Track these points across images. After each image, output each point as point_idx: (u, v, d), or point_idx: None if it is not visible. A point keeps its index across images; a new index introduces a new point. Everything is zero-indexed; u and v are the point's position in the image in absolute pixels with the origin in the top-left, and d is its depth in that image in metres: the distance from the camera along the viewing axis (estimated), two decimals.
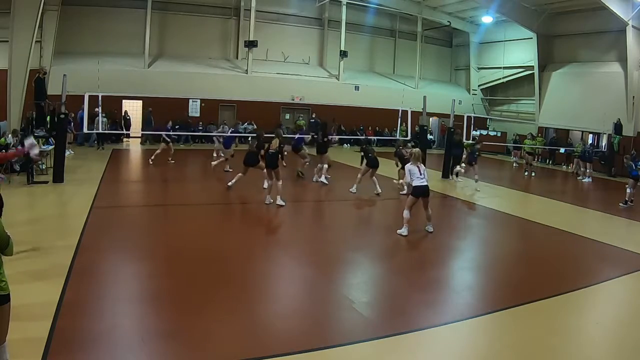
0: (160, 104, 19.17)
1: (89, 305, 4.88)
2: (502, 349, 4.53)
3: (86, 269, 5.84)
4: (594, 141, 23.14)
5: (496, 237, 9.53)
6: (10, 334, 3.26)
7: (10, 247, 3.20)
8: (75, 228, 7.51)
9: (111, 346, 4.14)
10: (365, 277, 6.50)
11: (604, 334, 5.07)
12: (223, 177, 12.95)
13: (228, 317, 4.88)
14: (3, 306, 3.06)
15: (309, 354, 4.20)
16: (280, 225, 9.32)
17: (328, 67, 26.13)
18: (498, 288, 6.27)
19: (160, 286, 5.59)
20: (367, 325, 4.93)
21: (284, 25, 25.22)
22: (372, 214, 10.75)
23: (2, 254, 3.15)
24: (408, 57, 28.20)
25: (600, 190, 16.22)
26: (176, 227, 8.33)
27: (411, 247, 8.33)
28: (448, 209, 11.79)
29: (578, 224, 10.26)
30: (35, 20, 13.62)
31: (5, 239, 3.13)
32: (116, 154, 17.56)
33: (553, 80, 24.05)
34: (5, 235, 3.13)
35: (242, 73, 23.48)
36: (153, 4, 21.91)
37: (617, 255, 8.05)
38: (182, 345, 4.24)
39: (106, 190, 10.85)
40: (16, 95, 13.77)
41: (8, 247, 3.17)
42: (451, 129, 16.05)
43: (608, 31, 20.88)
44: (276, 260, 6.95)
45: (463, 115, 17.79)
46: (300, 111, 24.99)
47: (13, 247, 3.24)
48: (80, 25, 20.85)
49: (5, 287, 3.08)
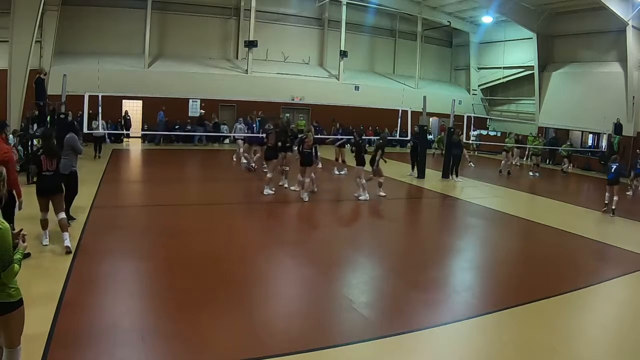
0: (160, 104, 19.19)
1: (89, 305, 4.88)
2: (502, 349, 4.53)
3: (86, 269, 5.84)
4: (594, 141, 23.16)
5: (496, 237, 9.52)
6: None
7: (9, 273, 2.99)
8: (75, 228, 7.51)
9: (111, 345, 4.15)
10: (365, 277, 6.50)
11: (604, 334, 5.07)
12: (229, 176, 12.93)
13: (228, 317, 4.88)
14: (15, 312, 3.08)
15: (309, 354, 4.20)
16: (281, 226, 9.32)
17: (328, 67, 26.13)
18: (498, 288, 6.28)
19: (160, 286, 5.59)
20: (367, 325, 4.93)
21: (284, 25, 25.22)
22: (372, 214, 10.74)
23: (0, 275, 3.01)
24: (408, 57, 28.20)
25: (601, 191, 16.20)
26: (176, 227, 8.32)
27: (411, 247, 8.34)
28: (448, 209, 11.80)
29: (578, 224, 10.25)
30: (35, 20, 13.64)
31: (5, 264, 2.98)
32: (116, 154, 17.55)
33: (553, 80, 24.06)
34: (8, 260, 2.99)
35: (242, 73, 23.48)
36: (153, 4, 21.92)
37: (617, 255, 8.05)
38: (182, 344, 4.24)
39: (106, 190, 10.85)
40: (16, 95, 13.79)
41: (7, 271, 2.98)
42: (451, 129, 16.06)
43: (608, 31, 20.89)
44: (276, 260, 6.94)
45: (463, 115, 17.80)
46: (300, 111, 25.00)
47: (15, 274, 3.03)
48: (80, 25, 20.87)
49: (16, 294, 3.10)
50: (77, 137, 8.23)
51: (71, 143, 7.88)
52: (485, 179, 16.45)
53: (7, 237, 3.01)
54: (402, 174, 15.78)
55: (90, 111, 12.92)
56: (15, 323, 3.11)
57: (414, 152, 15.97)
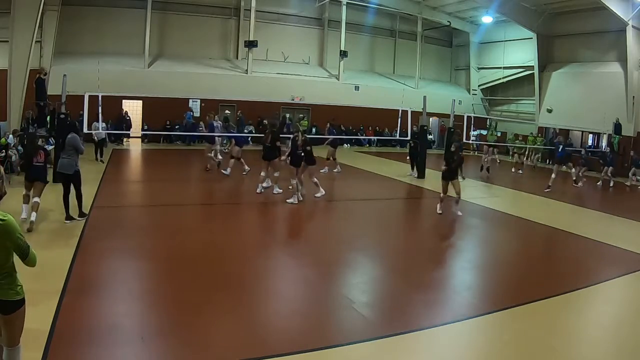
0: (160, 104, 19.18)
1: (89, 304, 4.88)
2: (503, 349, 4.53)
3: (86, 269, 5.85)
4: (594, 141, 23.14)
5: (496, 237, 9.53)
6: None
7: (32, 258, 3.14)
8: (75, 228, 7.52)
9: (111, 345, 4.15)
10: (365, 277, 6.50)
11: (604, 334, 5.07)
12: (229, 176, 12.93)
13: (228, 317, 4.88)
14: (19, 310, 3.10)
15: (309, 354, 4.19)
16: (281, 226, 9.32)
17: (328, 67, 26.12)
18: (498, 288, 6.28)
19: (160, 285, 5.60)
20: (367, 325, 4.93)
21: (284, 25, 25.21)
22: (372, 214, 10.74)
23: (25, 263, 3.14)
24: (408, 57, 28.18)
25: (602, 191, 16.21)
26: (176, 227, 8.32)
27: (411, 247, 8.34)
28: (448, 209, 11.78)
29: (578, 224, 10.25)
30: (35, 20, 13.62)
31: (25, 250, 3.09)
32: (116, 154, 17.55)
33: (553, 80, 24.05)
34: (25, 245, 3.10)
35: (242, 73, 23.47)
36: (153, 4, 21.90)
37: (617, 255, 8.05)
38: (182, 344, 4.24)
39: (106, 190, 10.85)
40: (16, 95, 13.77)
41: (29, 257, 3.11)
42: (451, 129, 16.05)
43: (608, 31, 20.87)
44: (276, 260, 6.95)
45: (463, 115, 17.79)
46: (301, 111, 25.00)
47: (35, 257, 3.17)
48: (80, 25, 20.84)
49: (21, 291, 3.13)
50: (79, 138, 8.44)
51: (72, 143, 8.14)
52: (485, 179, 16.45)
53: (14, 227, 3.02)
54: (401, 174, 15.79)
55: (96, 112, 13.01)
56: (19, 322, 3.13)
57: (413, 152, 15.97)
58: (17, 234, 3.04)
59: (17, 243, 3.04)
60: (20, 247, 3.06)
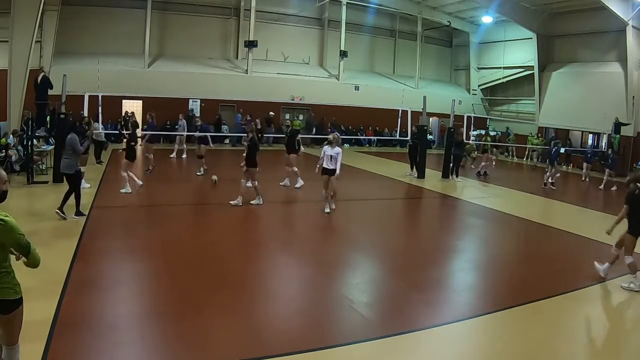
0: (160, 104, 19.12)
1: (89, 304, 4.88)
2: (503, 349, 4.53)
3: (86, 269, 5.85)
4: (594, 141, 23.13)
5: (496, 237, 9.52)
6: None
7: (34, 256, 3.14)
8: (75, 228, 7.52)
9: (111, 345, 4.15)
10: (365, 277, 6.50)
11: (604, 334, 5.07)
12: (229, 176, 12.92)
13: (228, 317, 4.88)
14: (17, 309, 3.11)
15: (309, 354, 4.20)
16: (281, 226, 9.32)
17: (328, 67, 26.13)
18: (498, 288, 6.28)
19: (160, 285, 5.59)
20: (367, 325, 4.93)
21: (284, 25, 25.21)
22: (372, 215, 10.74)
23: (27, 264, 3.15)
24: (408, 57, 28.19)
25: (604, 191, 16.21)
26: (176, 227, 8.33)
27: (411, 247, 8.34)
28: (448, 209, 11.80)
29: (578, 224, 10.25)
30: (35, 20, 13.59)
31: (26, 247, 3.10)
32: (116, 154, 17.52)
33: (553, 80, 24.05)
34: (26, 243, 3.10)
35: (242, 73, 23.48)
36: (153, 4, 21.92)
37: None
38: (182, 344, 4.24)
39: (106, 190, 10.85)
40: (16, 95, 13.74)
41: (30, 253, 3.12)
42: (451, 129, 16.06)
43: (608, 31, 20.88)
44: (276, 260, 6.94)
45: (463, 115, 17.79)
46: (300, 111, 25.01)
47: (39, 258, 3.18)
48: (80, 25, 20.86)
49: (19, 290, 3.14)
50: (79, 138, 8.55)
51: (71, 143, 8.27)
52: (485, 179, 16.45)
53: (14, 227, 3.03)
54: (401, 174, 15.79)
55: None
56: (17, 321, 3.15)
57: (412, 151, 15.95)
58: (18, 233, 3.05)
59: (18, 242, 3.06)
60: (21, 245, 3.08)
